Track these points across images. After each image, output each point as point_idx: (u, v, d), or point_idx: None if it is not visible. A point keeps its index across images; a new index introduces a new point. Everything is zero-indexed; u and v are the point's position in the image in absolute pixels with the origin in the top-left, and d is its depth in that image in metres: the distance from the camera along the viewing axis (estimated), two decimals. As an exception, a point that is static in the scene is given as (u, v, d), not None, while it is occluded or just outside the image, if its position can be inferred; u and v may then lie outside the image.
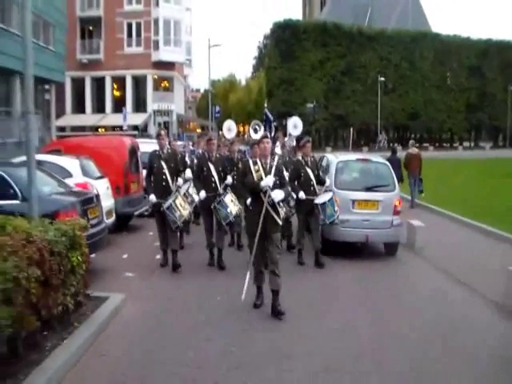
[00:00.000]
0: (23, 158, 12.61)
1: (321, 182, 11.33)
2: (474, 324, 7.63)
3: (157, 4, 56.30)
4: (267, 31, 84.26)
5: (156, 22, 56.39)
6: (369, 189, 11.69)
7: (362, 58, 72.44)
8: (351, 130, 72.03)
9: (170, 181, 10.71)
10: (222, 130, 20.38)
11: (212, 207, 10.44)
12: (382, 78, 67.79)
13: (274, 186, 8.04)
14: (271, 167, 8.21)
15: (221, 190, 10.84)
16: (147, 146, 15.77)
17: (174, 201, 10.13)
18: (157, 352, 6.37)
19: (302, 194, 10.86)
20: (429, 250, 12.17)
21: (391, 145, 64.63)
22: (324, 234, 11.59)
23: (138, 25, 56.66)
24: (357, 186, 11.82)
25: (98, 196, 10.57)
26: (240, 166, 12.09)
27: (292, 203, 11.38)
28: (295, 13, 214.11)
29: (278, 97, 69.11)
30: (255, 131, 16.52)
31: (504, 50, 78.71)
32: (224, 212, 10.24)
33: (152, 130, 54.28)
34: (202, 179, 11.04)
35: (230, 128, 17.12)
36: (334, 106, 70.48)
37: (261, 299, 8.31)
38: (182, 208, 10.23)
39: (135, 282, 9.42)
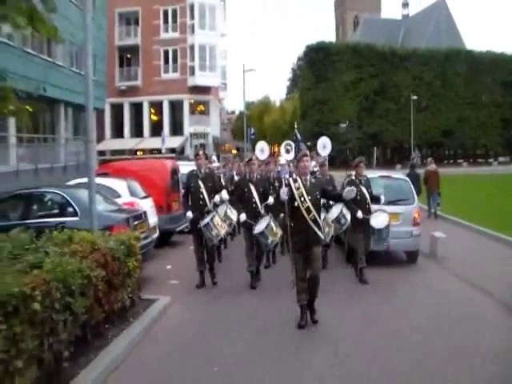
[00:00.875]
0: (76, 181, 14.17)
1: (375, 200, 11.50)
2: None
3: (192, 31, 58.07)
4: (301, 53, 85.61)
5: (192, 48, 58.12)
6: (390, 202, 12.53)
7: (395, 78, 73.65)
8: (375, 149, 72.80)
9: (207, 199, 10.88)
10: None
11: (254, 234, 10.35)
12: (415, 97, 68.38)
13: (315, 201, 8.32)
14: (311, 184, 8.42)
15: (262, 211, 10.95)
16: (186, 167, 17.03)
17: (211, 219, 10.36)
18: (195, 343, 7.55)
19: (359, 214, 11.07)
20: (450, 259, 13.09)
21: (423, 161, 65.29)
22: (349, 242, 12.49)
23: (175, 51, 58.47)
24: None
25: (145, 213, 11.87)
26: (276, 184, 13.06)
27: (343, 221, 11.25)
28: (328, 34, 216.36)
29: (312, 117, 70.60)
30: (287, 151, 16.69)
31: (538, 64, 78.81)
32: (264, 242, 10.21)
33: (189, 152, 55.88)
34: (242, 201, 11.16)
35: (262, 149, 16.96)
36: (367, 126, 71.64)
37: (305, 319, 8.35)
38: (219, 227, 10.45)
39: (179, 289, 10.59)
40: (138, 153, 54.94)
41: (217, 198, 11.11)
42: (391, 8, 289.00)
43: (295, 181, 8.47)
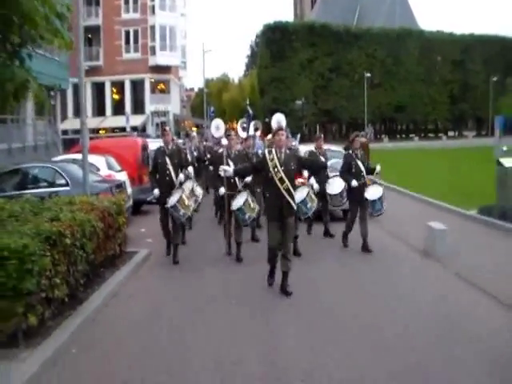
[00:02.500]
0: (60, 157, 16.20)
1: (371, 172, 11.99)
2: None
3: (153, 12, 59.73)
4: (259, 31, 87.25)
5: (152, 28, 59.91)
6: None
7: (349, 56, 76.52)
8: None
9: (173, 176, 11.07)
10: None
11: (231, 209, 10.70)
12: (368, 74, 71.21)
13: (289, 172, 8.61)
14: (286, 156, 8.71)
15: (240, 187, 11.15)
16: (155, 144, 19.09)
17: (178, 200, 10.55)
18: (173, 279, 9.81)
19: (354, 182, 11.55)
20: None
21: (378, 136, 68.62)
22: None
23: (136, 32, 60.04)
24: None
25: (124, 183, 14.03)
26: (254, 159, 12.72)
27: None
28: (287, 11, 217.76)
29: (270, 94, 72.81)
30: (243, 129, 17.90)
31: (486, 44, 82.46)
32: (241, 217, 10.41)
33: (150, 130, 57.68)
34: (220, 176, 10.91)
35: (218, 127, 17.59)
36: (323, 102, 74.29)
37: (273, 278, 9.04)
38: (186, 206, 10.67)
39: (154, 244, 12.66)
40: (100, 131, 56.41)
41: (181, 176, 11.29)
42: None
43: (270, 152, 8.78)
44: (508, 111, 64.76)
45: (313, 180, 11.69)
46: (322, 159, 12.47)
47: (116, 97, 61.65)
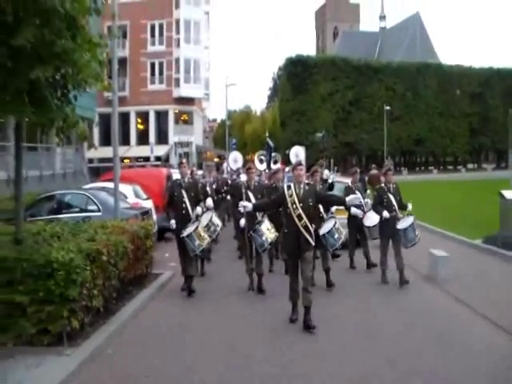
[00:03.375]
0: (90, 185, 17.37)
1: (403, 207, 11.98)
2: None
3: (178, 45, 61.52)
4: (281, 63, 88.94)
5: (177, 61, 61.65)
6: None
7: (369, 89, 77.74)
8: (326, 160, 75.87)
9: (189, 209, 11.10)
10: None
11: (248, 235, 10.74)
12: (388, 107, 72.32)
13: (308, 208, 8.62)
14: (305, 191, 8.73)
15: (259, 217, 10.95)
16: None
17: (194, 231, 10.54)
18: (194, 301, 10.81)
19: (385, 214, 11.58)
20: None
21: (397, 169, 69.57)
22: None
23: (161, 64, 61.88)
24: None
25: (151, 210, 15.13)
26: None
27: (336, 235, 11.07)
28: (309, 45, 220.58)
29: (291, 127, 74.27)
30: (261, 162, 18.13)
31: (505, 77, 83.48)
32: (259, 240, 10.39)
33: (173, 160, 59.08)
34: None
35: (236, 159, 18.09)
36: (343, 135, 75.50)
37: (296, 314, 8.96)
38: (201, 238, 10.67)
39: (177, 268, 13.64)
40: (124, 160, 57.84)
41: (198, 210, 11.32)
42: (370, 19, 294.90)
43: (289, 188, 8.81)
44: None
45: (357, 211, 12.61)
46: (357, 194, 11.61)
47: (140, 127, 63.24)
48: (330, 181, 12.25)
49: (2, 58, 6.49)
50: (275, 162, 19.68)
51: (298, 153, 18.77)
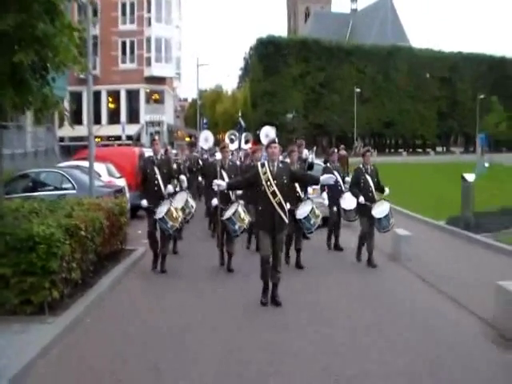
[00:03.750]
0: (65, 164, 17.64)
1: (380, 190, 12.10)
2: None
3: (149, 24, 61.39)
4: (253, 43, 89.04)
5: (148, 40, 61.56)
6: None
7: (340, 71, 78.28)
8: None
9: (162, 186, 11.14)
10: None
11: (221, 215, 10.71)
12: (358, 90, 73.13)
13: (282, 186, 8.63)
14: (279, 169, 8.72)
15: (233, 198, 11.18)
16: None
17: (166, 213, 10.64)
18: (167, 276, 11.26)
19: (361, 199, 11.72)
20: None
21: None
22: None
23: (132, 43, 61.73)
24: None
25: (124, 188, 15.51)
26: None
27: (313, 221, 10.98)
28: (280, 25, 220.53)
29: (262, 107, 74.60)
30: (231, 141, 18.08)
31: (473, 62, 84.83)
32: (232, 228, 10.44)
33: (145, 139, 59.23)
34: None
35: (206, 138, 17.74)
36: (314, 116, 76.18)
37: (266, 297, 8.89)
38: (173, 218, 10.76)
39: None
40: (96, 139, 57.76)
41: (170, 188, 11.34)
42: (341, 0, 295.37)
43: (263, 165, 8.79)
44: (492, 129, 66.90)
45: (325, 195, 12.51)
46: (335, 175, 12.64)
47: (112, 106, 63.13)
48: (309, 160, 12.42)
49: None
50: (246, 142, 19.79)
51: (268, 133, 18.31)
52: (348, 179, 13.06)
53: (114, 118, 60.80)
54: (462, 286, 9.88)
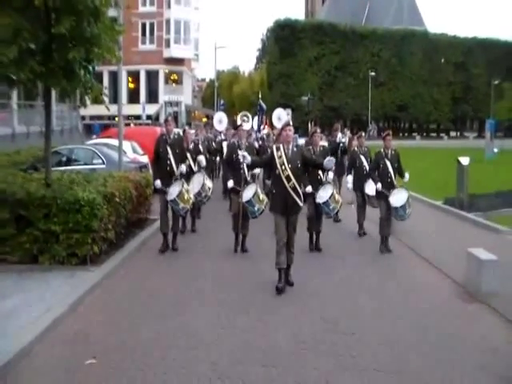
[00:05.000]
0: (92, 141, 19.24)
1: (401, 175, 11.78)
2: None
3: (168, 6, 62.86)
4: (270, 25, 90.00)
5: (168, 22, 63.16)
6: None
7: (355, 55, 79.42)
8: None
9: (174, 166, 11.04)
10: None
11: (241, 202, 10.51)
12: (373, 73, 74.27)
13: (296, 169, 8.53)
14: (293, 153, 8.61)
15: (249, 178, 11.12)
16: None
17: (178, 195, 10.68)
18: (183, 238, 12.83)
19: (379, 186, 11.45)
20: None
21: (381, 134, 71.53)
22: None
23: (152, 24, 63.20)
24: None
25: (147, 164, 17.08)
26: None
27: (332, 206, 11.13)
28: (298, 8, 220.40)
29: (278, 89, 76.02)
30: (244, 122, 18.02)
31: (488, 48, 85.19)
32: (251, 209, 10.26)
33: (163, 119, 60.82)
34: (230, 166, 11.40)
35: (221, 120, 18.41)
36: (328, 99, 77.49)
37: (283, 282, 8.69)
38: (185, 200, 10.82)
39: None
40: (115, 118, 59.34)
41: (182, 167, 11.23)
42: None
43: (278, 149, 8.65)
44: (504, 115, 67.70)
45: (350, 178, 12.98)
46: (362, 159, 13.16)
47: (131, 86, 64.71)
48: (341, 145, 12.96)
49: (46, 42, 8.46)
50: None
51: (280, 115, 18.88)
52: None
53: (133, 97, 62.31)
54: (443, 254, 11.28)
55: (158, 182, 11.01)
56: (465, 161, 17.63)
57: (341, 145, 13.35)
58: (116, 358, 6.05)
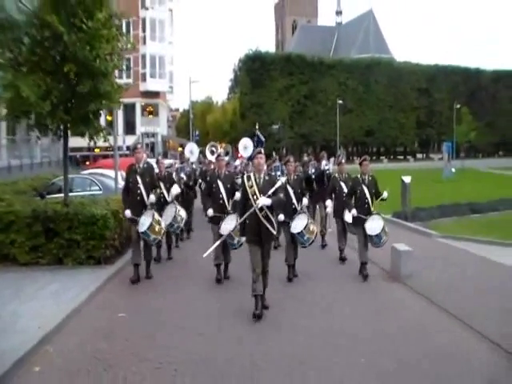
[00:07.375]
0: (86, 172, 21.96)
1: (377, 197, 11.66)
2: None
3: (144, 42, 65.96)
4: (242, 55, 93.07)
5: (143, 57, 66.29)
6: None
7: (323, 84, 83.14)
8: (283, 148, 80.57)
9: (144, 195, 10.93)
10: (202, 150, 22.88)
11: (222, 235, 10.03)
12: (341, 101, 77.73)
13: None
14: (265, 183, 8.39)
15: (229, 208, 10.87)
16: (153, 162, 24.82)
17: (148, 228, 10.66)
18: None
19: (354, 212, 11.36)
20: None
21: (350, 158, 75.28)
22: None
23: (128, 60, 65.98)
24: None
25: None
26: None
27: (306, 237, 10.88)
28: (269, 37, 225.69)
29: (250, 118, 78.85)
30: (212, 153, 18.30)
31: (450, 74, 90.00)
32: (231, 242, 10.33)
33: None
34: (210, 196, 11.04)
35: (192, 151, 18.94)
36: (298, 126, 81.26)
37: (259, 308, 8.47)
38: (156, 232, 10.87)
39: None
40: (95, 150, 61.89)
41: (152, 198, 11.02)
42: (328, 13, 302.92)
43: (248, 178, 8.46)
44: (463, 138, 71.73)
45: (329, 202, 12.83)
46: (342, 185, 13.13)
47: (109, 118, 67.11)
48: (327, 172, 13.49)
49: (69, 98, 11.38)
50: (226, 154, 20.14)
51: (246, 144, 19.37)
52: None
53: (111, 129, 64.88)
54: (384, 253, 12.70)
55: (128, 212, 10.85)
56: (407, 179, 20.61)
57: (326, 172, 13.92)
58: (136, 316, 8.90)
